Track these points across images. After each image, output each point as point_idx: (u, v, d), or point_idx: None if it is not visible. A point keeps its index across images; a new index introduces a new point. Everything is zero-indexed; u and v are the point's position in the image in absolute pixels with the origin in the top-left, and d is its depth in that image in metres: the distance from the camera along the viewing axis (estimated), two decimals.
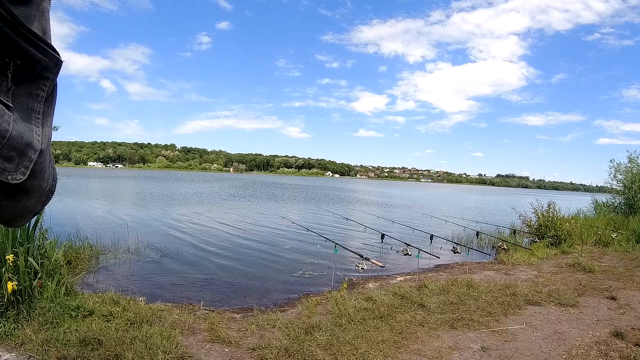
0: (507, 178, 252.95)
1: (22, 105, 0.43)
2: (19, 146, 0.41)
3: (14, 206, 0.46)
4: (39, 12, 0.43)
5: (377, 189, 59.16)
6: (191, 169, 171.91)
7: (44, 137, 0.45)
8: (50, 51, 0.43)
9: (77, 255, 5.95)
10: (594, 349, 3.33)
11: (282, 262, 7.21)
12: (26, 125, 0.42)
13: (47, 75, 0.44)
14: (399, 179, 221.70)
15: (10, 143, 0.39)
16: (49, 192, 0.51)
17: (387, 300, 4.35)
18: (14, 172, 0.41)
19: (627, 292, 5.10)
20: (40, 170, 0.46)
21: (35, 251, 3.79)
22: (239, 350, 3.11)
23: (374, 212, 18.30)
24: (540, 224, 9.52)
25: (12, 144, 0.40)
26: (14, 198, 0.45)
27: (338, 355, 3.02)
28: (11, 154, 0.40)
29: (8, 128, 0.39)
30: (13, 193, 0.44)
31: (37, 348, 2.82)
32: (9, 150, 0.40)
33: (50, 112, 0.47)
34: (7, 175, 0.41)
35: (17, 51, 0.40)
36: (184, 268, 6.41)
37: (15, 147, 0.40)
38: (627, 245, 8.75)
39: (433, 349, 3.23)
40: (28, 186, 0.45)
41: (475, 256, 7.83)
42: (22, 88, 0.42)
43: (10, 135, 0.39)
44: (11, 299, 3.21)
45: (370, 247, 8.93)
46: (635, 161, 13.70)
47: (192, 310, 4.14)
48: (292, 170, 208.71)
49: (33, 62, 0.42)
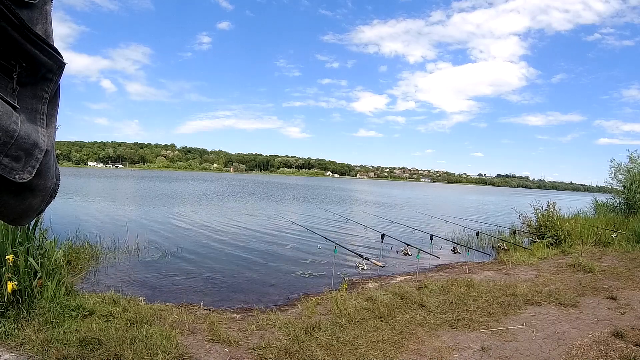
0: (507, 178, 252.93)
1: (27, 107, 0.44)
2: (26, 146, 0.42)
3: (21, 205, 0.48)
4: (42, 15, 0.44)
5: (377, 189, 59.15)
6: (191, 169, 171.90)
7: (49, 138, 0.47)
8: (53, 54, 0.44)
9: (77, 255, 5.95)
10: (594, 349, 3.33)
11: (282, 262, 7.21)
12: (32, 126, 0.44)
13: (51, 77, 0.46)
14: (399, 179, 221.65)
15: (18, 143, 0.41)
16: (52, 191, 0.53)
17: (387, 300, 4.35)
18: (22, 172, 0.43)
19: (627, 292, 5.10)
20: (45, 170, 0.48)
21: (35, 251, 3.79)
22: (239, 350, 3.11)
23: (374, 212, 18.29)
24: (540, 224, 9.52)
25: (19, 144, 0.41)
26: (20, 196, 0.47)
27: (338, 355, 3.02)
28: (19, 154, 0.42)
29: (16, 129, 0.40)
30: (20, 192, 0.46)
31: (37, 348, 2.82)
32: (17, 150, 0.41)
33: (54, 113, 0.49)
34: (15, 175, 0.42)
35: (22, 54, 0.41)
36: (184, 268, 6.41)
37: (23, 147, 0.42)
38: (627, 245, 8.75)
39: (433, 349, 3.23)
40: (34, 185, 0.47)
41: (475, 256, 7.82)
42: (27, 90, 0.44)
43: (18, 135, 0.40)
44: (11, 299, 3.21)
45: (370, 247, 8.93)
46: (635, 161, 13.70)
47: (192, 310, 4.14)
48: (292, 170, 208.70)
49: (37, 65, 0.43)
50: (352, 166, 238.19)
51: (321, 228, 11.26)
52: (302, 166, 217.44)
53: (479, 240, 9.58)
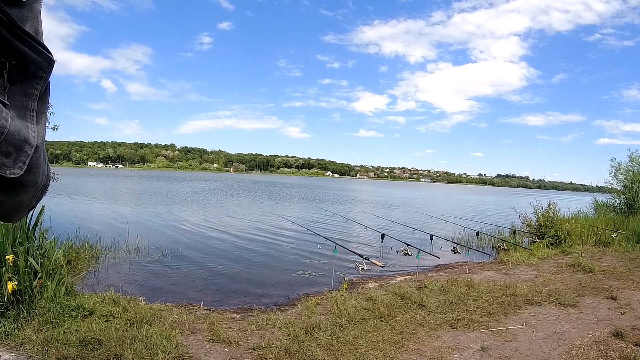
0: (507, 178, 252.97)
1: (17, 104, 0.44)
2: (16, 142, 0.42)
3: (12, 200, 0.49)
4: (32, 13, 0.45)
5: (377, 189, 59.15)
6: (191, 169, 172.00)
7: (39, 134, 0.47)
8: (43, 51, 0.45)
9: (77, 255, 5.95)
10: (594, 349, 3.33)
11: (282, 262, 7.21)
12: (22, 123, 0.44)
13: (41, 75, 0.46)
14: (399, 179, 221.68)
15: (8, 139, 0.41)
16: (43, 187, 0.54)
17: (387, 300, 4.35)
18: (12, 167, 0.43)
19: (627, 292, 5.10)
20: (35, 166, 0.48)
21: (35, 251, 3.79)
22: (239, 350, 3.11)
23: (374, 212, 18.29)
24: (540, 224, 9.52)
25: (9, 140, 0.41)
26: (11, 192, 0.47)
27: (338, 355, 3.02)
28: (9, 150, 0.42)
29: (6, 125, 0.40)
30: (11, 187, 0.46)
31: (37, 348, 2.82)
32: (7, 146, 0.41)
33: (44, 110, 0.49)
34: (6, 170, 0.42)
35: (12, 51, 0.41)
36: (184, 268, 6.41)
37: (13, 143, 0.42)
38: (627, 245, 8.75)
39: (433, 348, 3.23)
40: (25, 181, 0.47)
41: (475, 256, 7.83)
42: (17, 87, 0.44)
43: (8, 131, 0.41)
44: (11, 299, 3.21)
45: (370, 247, 8.93)
46: (636, 160, 13.70)
47: (192, 310, 4.14)
48: (292, 170, 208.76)
49: (27, 62, 0.44)
50: (352, 166, 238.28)
51: (321, 228, 11.26)
52: (302, 166, 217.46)
53: (479, 240, 9.59)
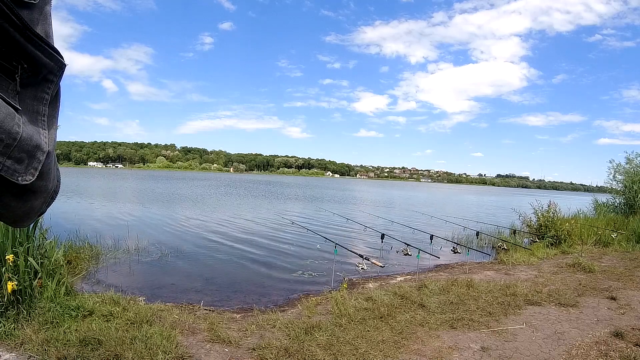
0: (507, 178, 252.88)
1: (28, 108, 0.44)
2: (28, 148, 0.42)
3: (22, 206, 0.48)
4: (42, 15, 0.44)
5: (377, 189, 59.13)
6: (191, 169, 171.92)
7: (50, 139, 0.47)
8: (54, 54, 0.44)
9: (77, 255, 5.95)
10: (594, 349, 3.33)
11: (282, 262, 7.20)
12: (34, 128, 0.44)
13: (52, 79, 0.45)
14: (399, 179, 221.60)
15: (20, 145, 0.41)
16: (53, 192, 0.53)
17: (387, 300, 4.35)
18: (24, 174, 0.43)
19: (627, 292, 5.09)
20: (47, 172, 0.48)
21: (35, 251, 3.79)
22: (239, 350, 3.11)
23: (374, 212, 18.29)
24: (540, 224, 9.51)
25: (22, 146, 0.41)
26: (22, 198, 0.47)
27: (338, 355, 3.02)
28: (21, 156, 0.41)
29: (19, 131, 0.40)
30: (22, 194, 0.46)
31: (37, 348, 2.82)
32: (20, 152, 0.41)
33: (55, 115, 0.49)
34: (18, 177, 0.42)
35: (24, 55, 0.41)
36: (184, 268, 6.41)
37: (25, 149, 0.42)
38: (627, 245, 8.75)
39: (433, 349, 3.23)
40: (36, 187, 0.47)
41: (475, 256, 7.82)
42: (28, 91, 0.43)
43: (21, 137, 0.40)
44: (11, 299, 3.21)
45: (370, 247, 8.93)
46: (632, 162, 13.70)
47: (192, 310, 4.13)
48: (292, 170, 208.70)
49: (38, 66, 0.43)
50: (352, 166, 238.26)
51: (321, 228, 11.25)
52: (302, 166, 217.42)
53: (479, 240, 9.59)
